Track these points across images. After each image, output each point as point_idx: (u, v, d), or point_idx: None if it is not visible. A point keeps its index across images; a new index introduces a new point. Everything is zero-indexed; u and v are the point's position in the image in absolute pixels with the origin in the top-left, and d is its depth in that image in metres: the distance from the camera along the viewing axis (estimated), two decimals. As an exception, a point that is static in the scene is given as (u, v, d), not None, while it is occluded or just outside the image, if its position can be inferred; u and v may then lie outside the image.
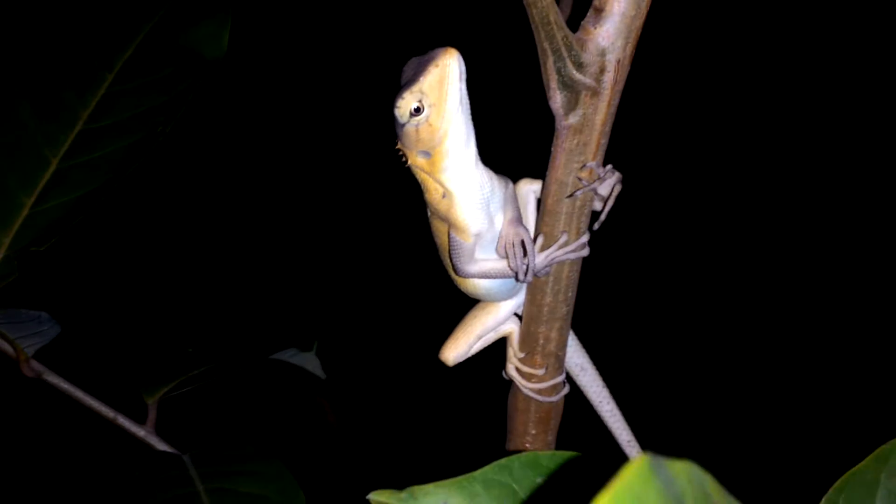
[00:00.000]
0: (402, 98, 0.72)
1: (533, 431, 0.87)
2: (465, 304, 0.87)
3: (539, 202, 0.80)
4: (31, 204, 0.95)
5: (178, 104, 1.02)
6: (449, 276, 0.84)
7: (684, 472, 0.41)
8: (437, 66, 0.72)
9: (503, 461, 0.63)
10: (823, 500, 0.69)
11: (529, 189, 0.83)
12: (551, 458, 0.64)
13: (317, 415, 1.29)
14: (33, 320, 0.87)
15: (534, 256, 0.74)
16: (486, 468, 0.62)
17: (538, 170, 0.79)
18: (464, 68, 0.72)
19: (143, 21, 1.08)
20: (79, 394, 0.95)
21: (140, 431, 0.96)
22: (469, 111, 0.75)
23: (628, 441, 0.93)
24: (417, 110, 0.72)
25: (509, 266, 0.77)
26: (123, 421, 0.96)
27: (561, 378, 0.84)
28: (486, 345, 0.86)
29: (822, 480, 0.70)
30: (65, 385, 0.94)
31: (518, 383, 0.84)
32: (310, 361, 1.14)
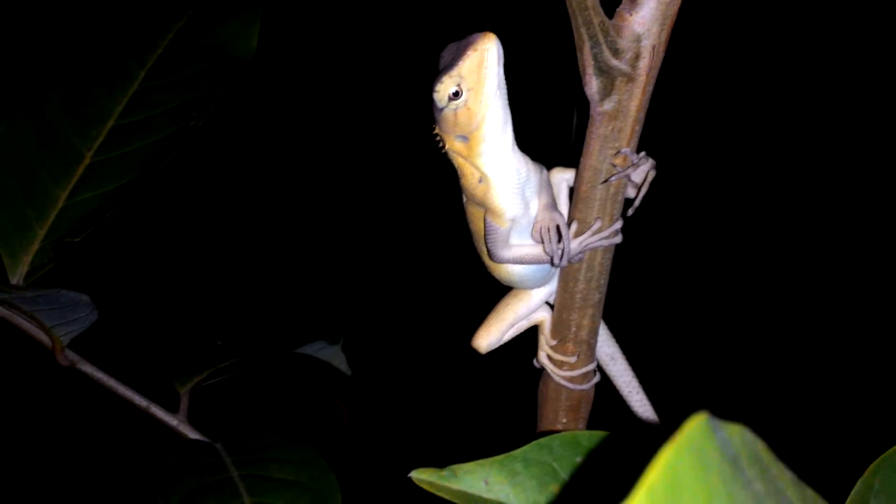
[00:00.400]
0: (441, 82, 0.73)
1: (564, 420, 0.87)
2: (496, 293, 0.88)
3: (571, 191, 0.80)
4: (65, 197, 0.97)
5: (209, 101, 1.03)
6: (482, 263, 0.84)
7: (739, 434, 0.41)
8: (475, 50, 0.72)
9: (543, 440, 0.63)
10: (859, 481, 0.69)
11: (562, 177, 0.83)
12: (590, 437, 0.64)
13: (334, 415, 1.30)
14: (71, 304, 0.88)
15: (569, 241, 0.75)
16: (527, 447, 0.63)
17: (569, 158, 0.79)
18: (502, 53, 0.73)
19: (173, 19, 1.09)
20: (112, 383, 0.96)
21: (173, 420, 0.97)
22: (506, 96, 0.75)
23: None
24: (456, 94, 0.73)
25: (544, 251, 0.77)
26: (156, 410, 0.97)
27: (592, 366, 0.84)
28: (518, 332, 0.87)
29: (858, 463, 0.71)
30: (99, 374, 0.95)
31: (549, 371, 0.84)
32: (336, 356, 1.15)
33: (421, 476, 0.62)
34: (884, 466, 0.69)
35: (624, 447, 0.63)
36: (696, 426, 0.37)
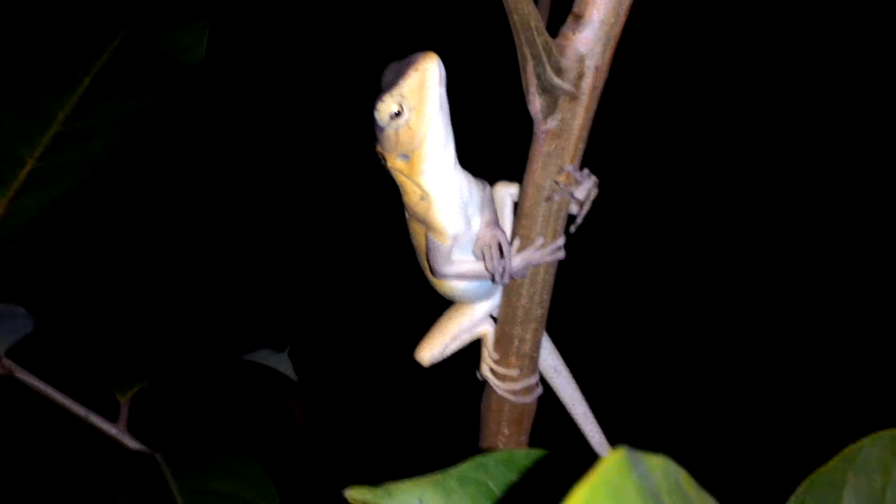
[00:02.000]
0: (383, 101, 0.73)
1: (506, 432, 0.88)
2: (441, 305, 0.88)
3: (515, 205, 0.81)
4: (5, 203, 0.95)
5: (156, 109, 1.02)
6: (425, 278, 0.84)
7: (660, 466, 0.42)
8: (417, 70, 0.72)
9: (479, 458, 0.64)
10: (791, 498, 0.70)
11: (506, 192, 0.84)
12: (526, 455, 0.65)
13: (287, 417, 1.30)
14: (7, 315, 0.86)
15: (510, 259, 0.75)
16: (462, 465, 0.63)
17: (515, 173, 0.80)
18: (444, 73, 0.73)
19: (120, 26, 1.08)
20: (50, 391, 0.94)
21: (112, 430, 0.96)
22: (448, 115, 0.75)
23: (600, 443, 0.94)
24: (397, 114, 0.73)
25: (486, 268, 0.78)
26: (95, 419, 0.95)
27: (535, 379, 0.85)
28: (461, 346, 0.87)
29: (790, 479, 0.72)
30: (36, 383, 0.94)
31: (492, 384, 0.84)
32: (282, 363, 1.15)
33: (355, 494, 0.62)
34: (817, 482, 0.70)
35: (560, 468, 0.63)
36: (614, 462, 0.37)
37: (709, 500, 0.46)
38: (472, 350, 0.87)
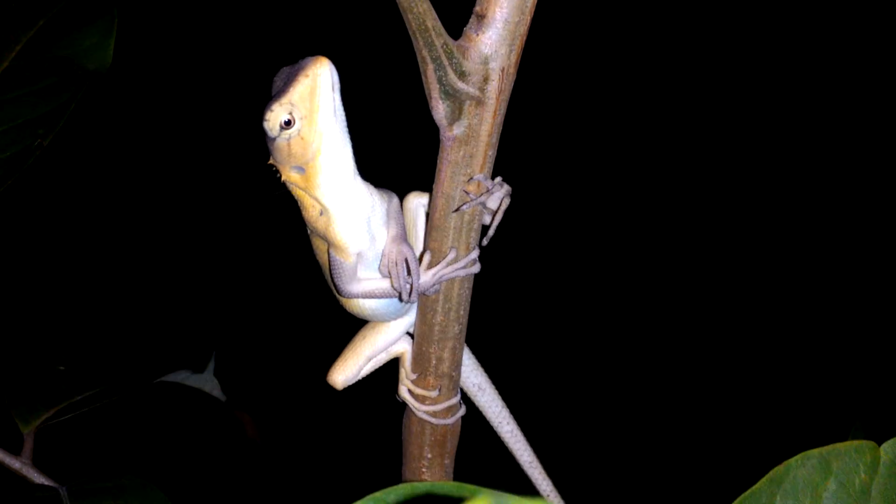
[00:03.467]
0: (271, 110, 0.68)
1: (429, 455, 0.83)
2: (357, 323, 0.83)
3: (428, 216, 0.76)
4: None
5: (59, 116, 0.97)
6: (334, 297, 0.80)
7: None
8: (306, 76, 0.68)
9: (378, 494, 0.59)
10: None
11: (419, 203, 0.79)
12: (432, 487, 0.60)
13: (213, 440, 1.24)
14: None
15: (418, 276, 0.70)
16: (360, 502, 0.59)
17: (426, 183, 0.75)
18: (336, 77, 0.69)
19: (22, 29, 1.03)
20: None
21: (15, 463, 0.90)
22: (345, 122, 0.71)
23: (530, 462, 0.90)
24: (288, 123, 0.68)
25: (393, 286, 0.73)
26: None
27: (456, 399, 0.81)
28: (377, 366, 0.83)
29: (718, 501, 0.68)
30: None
31: (411, 406, 0.80)
32: (207, 382, 1.10)
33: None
34: (747, 502, 0.67)
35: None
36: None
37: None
38: (393, 369, 0.83)
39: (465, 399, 0.85)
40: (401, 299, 0.73)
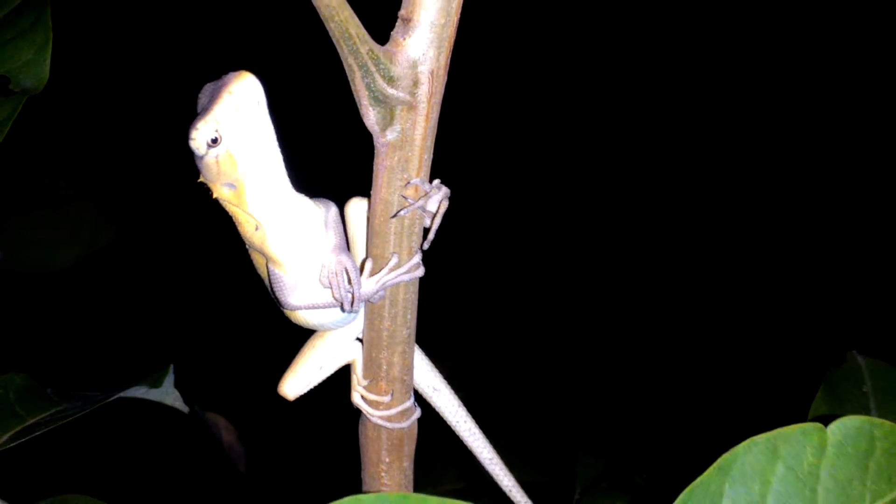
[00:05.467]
0: (196, 129, 0.67)
1: (387, 459, 0.83)
2: (305, 332, 0.83)
3: (369, 221, 0.76)
4: None
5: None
6: (278, 309, 0.79)
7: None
8: (230, 92, 0.66)
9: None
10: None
11: (361, 208, 0.78)
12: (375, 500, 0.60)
13: (178, 450, 1.24)
14: None
15: (359, 284, 0.70)
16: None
17: (367, 189, 0.75)
18: (261, 91, 0.68)
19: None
20: None
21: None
22: (274, 136, 0.70)
23: (490, 459, 0.90)
24: (214, 141, 0.67)
25: (334, 297, 0.73)
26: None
27: (410, 403, 0.81)
28: (328, 374, 0.82)
29: (666, 492, 0.68)
30: None
31: (365, 412, 0.80)
32: (167, 395, 1.09)
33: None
34: (695, 494, 0.67)
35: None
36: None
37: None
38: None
39: (421, 401, 0.85)
40: (342, 309, 0.73)
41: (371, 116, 0.67)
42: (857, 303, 2.99)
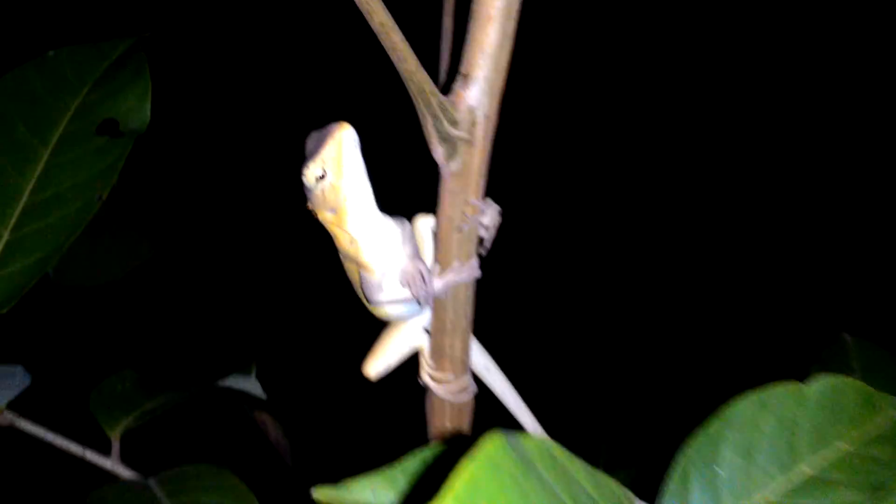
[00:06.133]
0: (308, 168, 0.87)
1: (449, 426, 1.02)
2: (380, 325, 1.02)
3: (435, 234, 0.95)
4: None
5: (111, 173, 1.14)
6: (363, 306, 0.98)
7: (533, 442, 0.55)
8: (333, 138, 0.87)
9: (418, 452, 0.78)
10: (677, 454, 0.85)
11: (426, 223, 0.98)
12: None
13: (258, 431, 1.43)
14: (7, 374, 0.99)
15: (431, 284, 0.89)
16: (404, 460, 0.77)
17: (431, 207, 0.94)
18: (356, 137, 0.87)
19: (71, 96, 1.19)
20: (49, 435, 1.07)
21: (107, 463, 1.08)
22: (364, 170, 0.89)
23: (532, 425, 1.08)
24: (322, 177, 0.87)
25: (412, 294, 0.92)
26: (91, 456, 1.08)
27: (468, 380, 0.99)
28: (402, 359, 1.01)
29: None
30: (36, 429, 1.06)
31: (432, 388, 0.98)
32: (251, 384, 1.28)
33: (320, 494, 0.75)
34: (697, 440, 0.85)
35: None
36: (493, 442, 0.51)
37: (580, 465, 0.60)
38: (414, 360, 1.02)
39: (476, 379, 1.03)
40: (419, 303, 0.92)
41: (439, 152, 0.86)
42: (851, 291, 3.18)
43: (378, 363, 1.00)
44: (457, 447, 0.80)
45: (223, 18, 3.29)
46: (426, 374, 0.98)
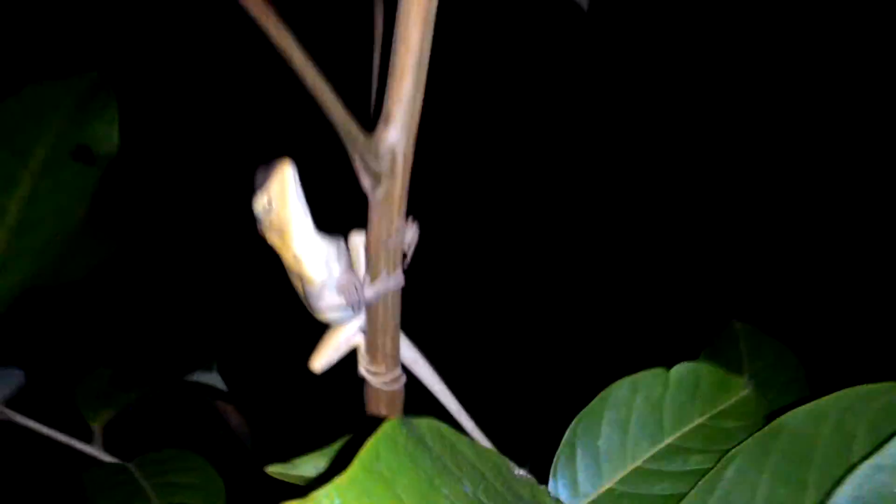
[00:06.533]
0: (257, 198, 1.04)
1: (383, 412, 1.19)
2: (324, 326, 1.19)
3: (366, 249, 1.12)
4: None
5: (87, 194, 1.30)
6: (307, 312, 1.16)
7: (425, 423, 0.73)
8: (277, 174, 1.03)
9: (353, 436, 0.95)
10: (569, 429, 1.03)
11: (360, 239, 1.15)
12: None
13: (223, 421, 1.60)
14: (6, 374, 1.15)
15: (363, 293, 1.06)
16: (337, 442, 0.95)
17: (362, 224, 1.11)
18: (295, 173, 1.04)
19: (46, 127, 1.34)
20: (38, 426, 1.23)
21: (90, 450, 1.25)
22: (303, 199, 1.06)
23: (456, 410, 1.27)
24: (268, 207, 1.04)
25: (347, 302, 1.09)
26: (76, 443, 1.25)
27: (398, 372, 1.17)
28: (343, 354, 1.19)
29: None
30: (28, 422, 1.22)
31: (368, 379, 1.16)
32: (213, 378, 1.45)
33: (272, 469, 0.93)
34: (583, 418, 1.04)
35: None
36: (390, 424, 0.68)
37: (464, 439, 0.77)
38: (353, 355, 1.19)
39: (406, 371, 1.21)
40: (353, 310, 1.09)
41: (366, 182, 1.03)
42: (746, 283, 3.42)
43: (322, 359, 1.17)
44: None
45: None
46: (363, 368, 1.16)
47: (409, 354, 1.24)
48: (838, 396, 0.89)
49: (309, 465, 0.94)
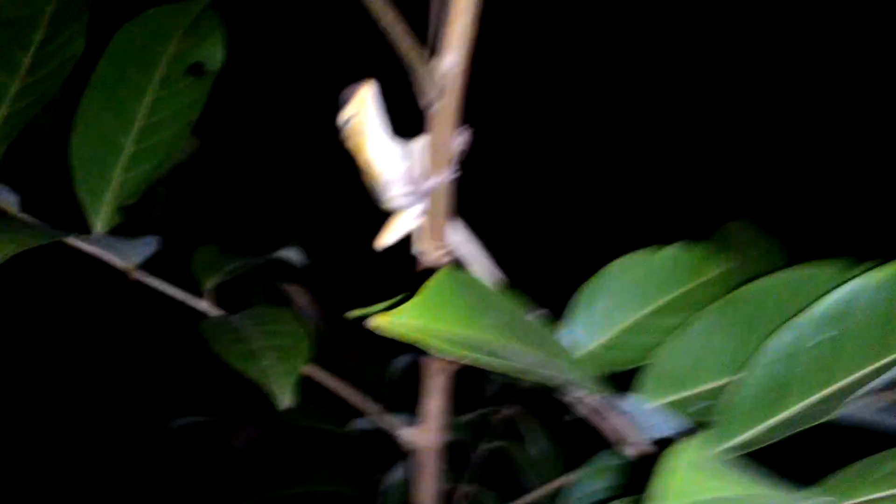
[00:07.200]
0: (342, 111, 1.33)
1: (437, 281, 1.50)
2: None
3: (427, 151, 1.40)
4: (121, 174, 1.54)
5: (199, 103, 1.59)
6: (376, 203, 1.44)
7: (466, 275, 1.02)
8: (359, 91, 1.32)
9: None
10: (570, 301, 1.33)
11: (425, 142, 1.43)
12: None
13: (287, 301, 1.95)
14: (143, 243, 1.48)
15: (422, 184, 1.35)
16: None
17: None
18: (377, 89, 1.32)
19: (165, 44, 1.62)
20: (165, 287, 1.56)
21: (202, 305, 1.58)
22: (382, 110, 1.34)
23: (493, 271, 1.57)
24: (351, 117, 1.33)
25: (412, 191, 1.38)
26: (192, 300, 1.57)
27: (447, 248, 1.46)
28: (402, 236, 1.45)
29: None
30: (156, 283, 1.55)
31: (422, 254, 1.45)
32: (294, 254, 1.78)
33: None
34: (585, 288, 1.33)
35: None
36: (443, 272, 0.98)
37: (492, 290, 1.07)
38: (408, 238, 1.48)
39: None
40: (416, 198, 1.38)
41: (428, 97, 1.31)
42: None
43: (387, 238, 1.46)
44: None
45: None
46: (419, 247, 1.45)
47: (459, 236, 1.53)
48: (796, 269, 1.07)
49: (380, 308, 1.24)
